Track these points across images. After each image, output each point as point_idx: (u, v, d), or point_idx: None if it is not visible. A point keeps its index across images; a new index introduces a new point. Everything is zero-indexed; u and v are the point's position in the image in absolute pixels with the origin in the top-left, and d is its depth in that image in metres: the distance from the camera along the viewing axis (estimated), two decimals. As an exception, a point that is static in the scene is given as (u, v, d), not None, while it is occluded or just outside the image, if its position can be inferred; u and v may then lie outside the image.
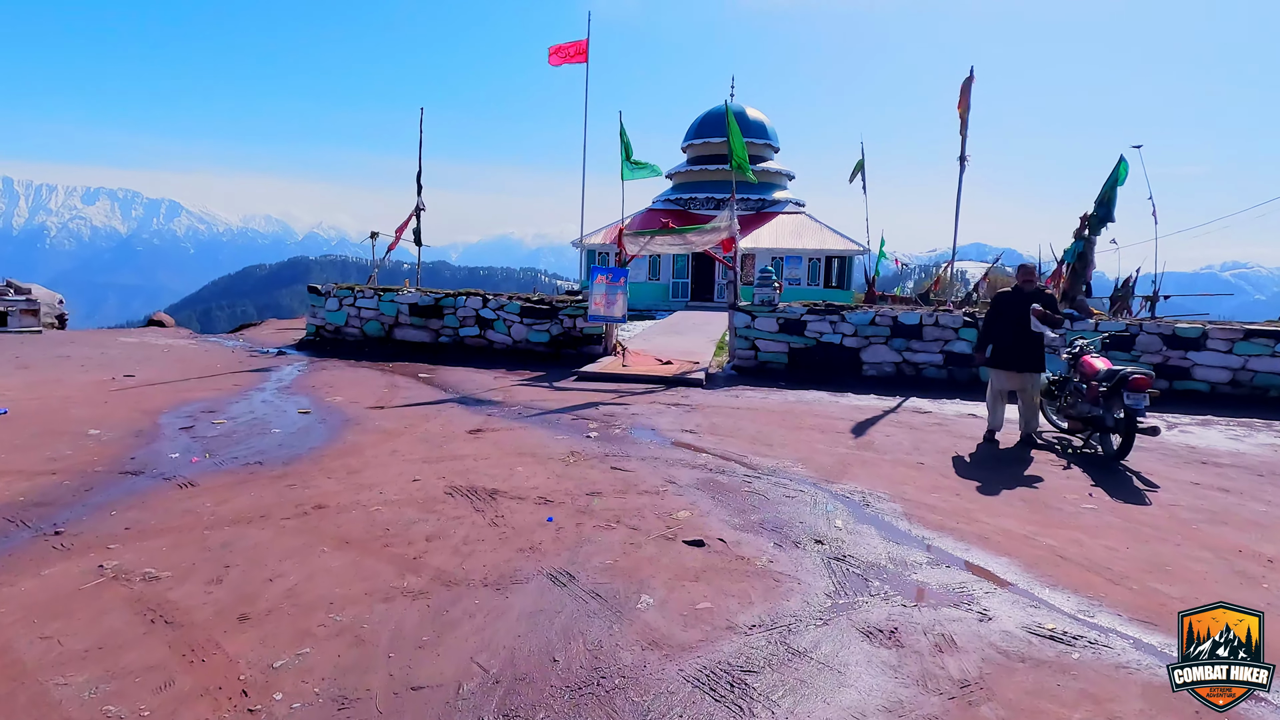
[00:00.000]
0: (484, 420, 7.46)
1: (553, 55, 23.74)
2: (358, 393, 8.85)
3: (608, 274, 11.61)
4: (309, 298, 13.76)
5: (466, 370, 11.02)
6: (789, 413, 8.32)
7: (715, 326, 18.83)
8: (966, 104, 11.24)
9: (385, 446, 6.26)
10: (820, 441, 6.91)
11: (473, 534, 4.26)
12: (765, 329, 11.11)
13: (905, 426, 7.75)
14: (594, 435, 6.90)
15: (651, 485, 5.33)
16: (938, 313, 10.51)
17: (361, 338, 13.34)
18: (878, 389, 10.09)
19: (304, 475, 5.34)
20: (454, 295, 12.79)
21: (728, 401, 8.96)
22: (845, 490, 5.35)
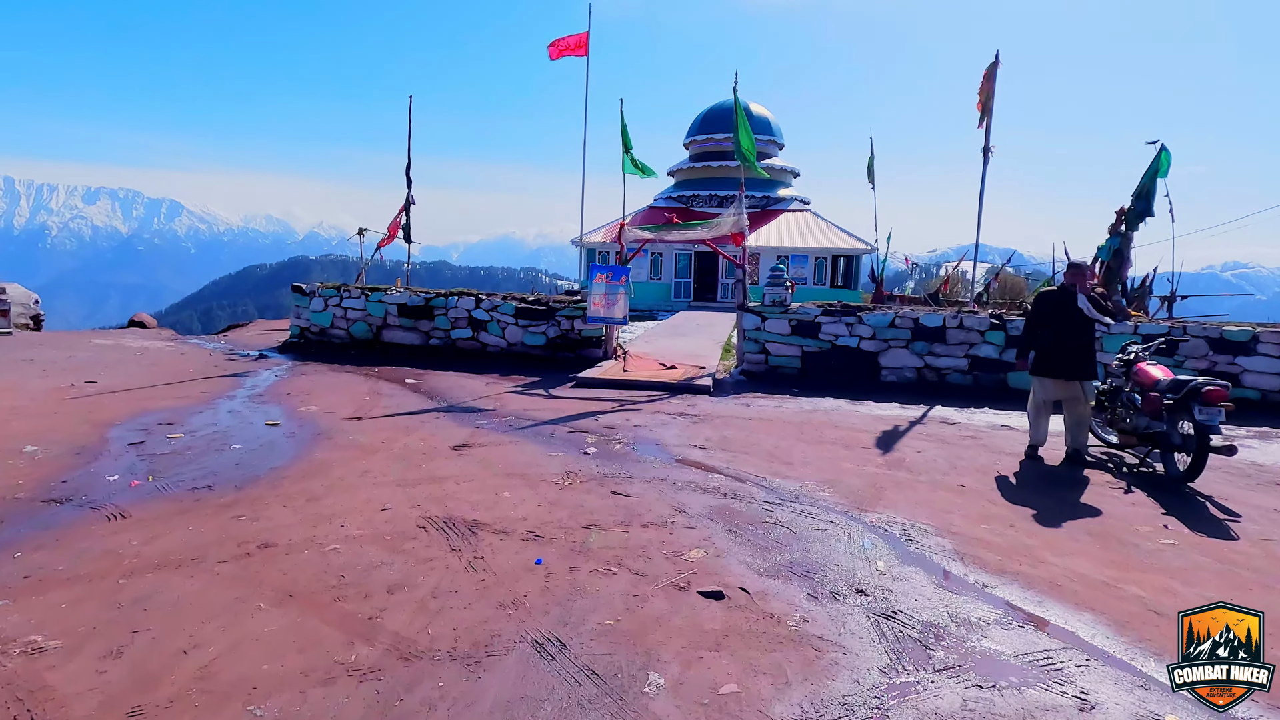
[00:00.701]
0: (471, 433, 6.75)
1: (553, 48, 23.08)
2: (336, 401, 8.13)
3: (608, 273, 10.89)
4: (293, 298, 13.04)
5: (457, 375, 10.30)
6: (806, 424, 7.60)
7: (720, 328, 18.13)
8: (990, 91, 10.52)
9: (356, 466, 5.54)
10: (845, 458, 6.19)
11: (445, 583, 3.54)
12: (777, 331, 10.39)
13: (936, 440, 7.02)
14: (592, 451, 6.18)
15: (658, 514, 4.61)
16: (962, 314, 9.78)
17: (348, 340, 12.63)
18: (899, 396, 9.36)
19: (256, 503, 4.63)
20: (445, 295, 12.07)
21: (738, 411, 8.24)
22: (882, 521, 4.62)
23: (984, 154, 10.65)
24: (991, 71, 10.55)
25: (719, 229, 10.58)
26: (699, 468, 5.77)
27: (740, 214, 10.48)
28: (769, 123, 30.65)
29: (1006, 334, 9.56)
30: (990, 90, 10.51)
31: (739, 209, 10.51)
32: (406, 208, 13.25)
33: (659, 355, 12.02)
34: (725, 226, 10.52)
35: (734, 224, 10.45)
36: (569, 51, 23.17)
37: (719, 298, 27.95)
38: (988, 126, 10.59)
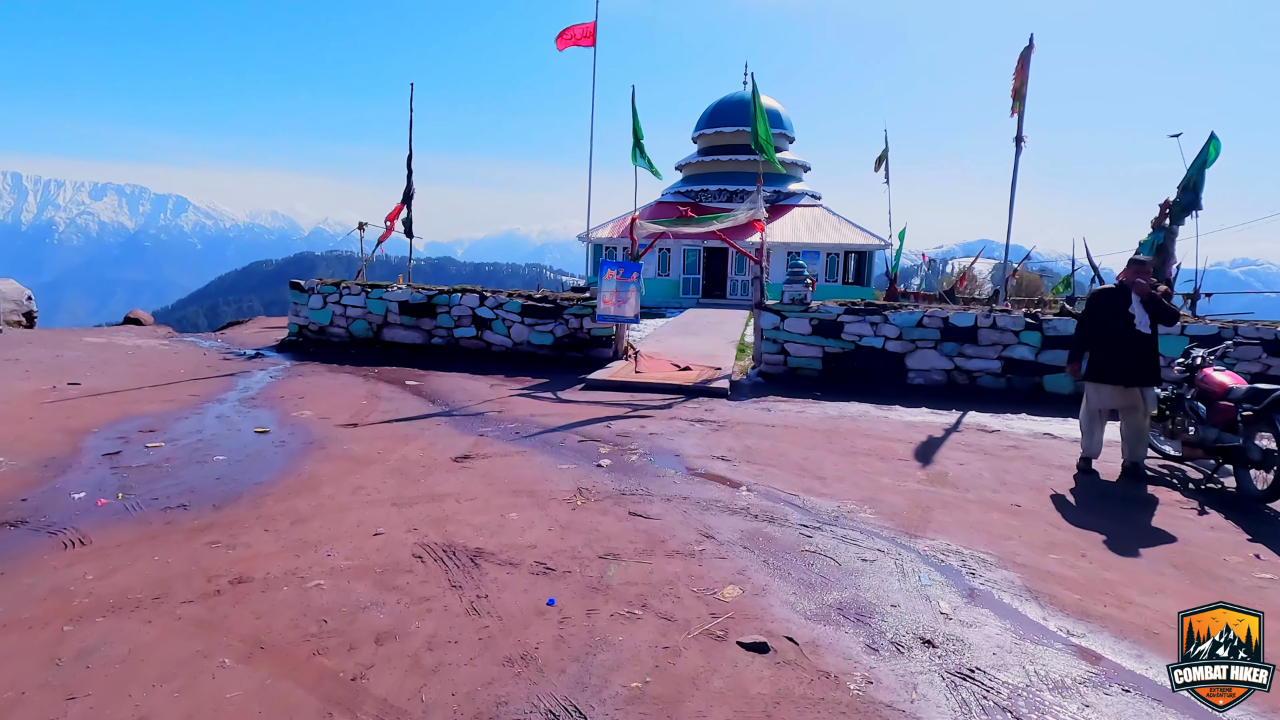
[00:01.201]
0: (474, 443, 6.25)
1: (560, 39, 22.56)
2: (331, 405, 7.65)
3: (618, 269, 10.38)
4: (291, 295, 12.57)
5: (460, 377, 9.81)
6: (834, 431, 7.08)
7: (731, 325, 17.62)
8: (1024, 77, 9.94)
9: (349, 481, 5.04)
10: (883, 472, 5.67)
11: (442, 629, 3.04)
12: (797, 331, 9.86)
13: (977, 451, 6.49)
14: (606, 464, 5.67)
15: (684, 540, 4.10)
16: (995, 313, 9.23)
17: (347, 338, 12.15)
18: (928, 401, 8.82)
19: (234, 526, 4.14)
20: (448, 292, 11.57)
21: (759, 417, 7.72)
22: (936, 549, 4.10)
23: (1016, 143, 10.09)
24: (1025, 56, 9.98)
25: (735, 221, 10.06)
26: (724, 483, 5.25)
27: (758, 204, 9.94)
28: (779, 115, 30.02)
29: (1043, 334, 9.01)
30: (1024, 76, 9.95)
31: (757, 199, 9.98)
32: (407, 200, 12.75)
33: (671, 355, 11.50)
34: (742, 217, 9.99)
35: (753, 213, 9.91)
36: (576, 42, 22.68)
37: (728, 295, 27.39)
38: (1020, 114, 10.02)
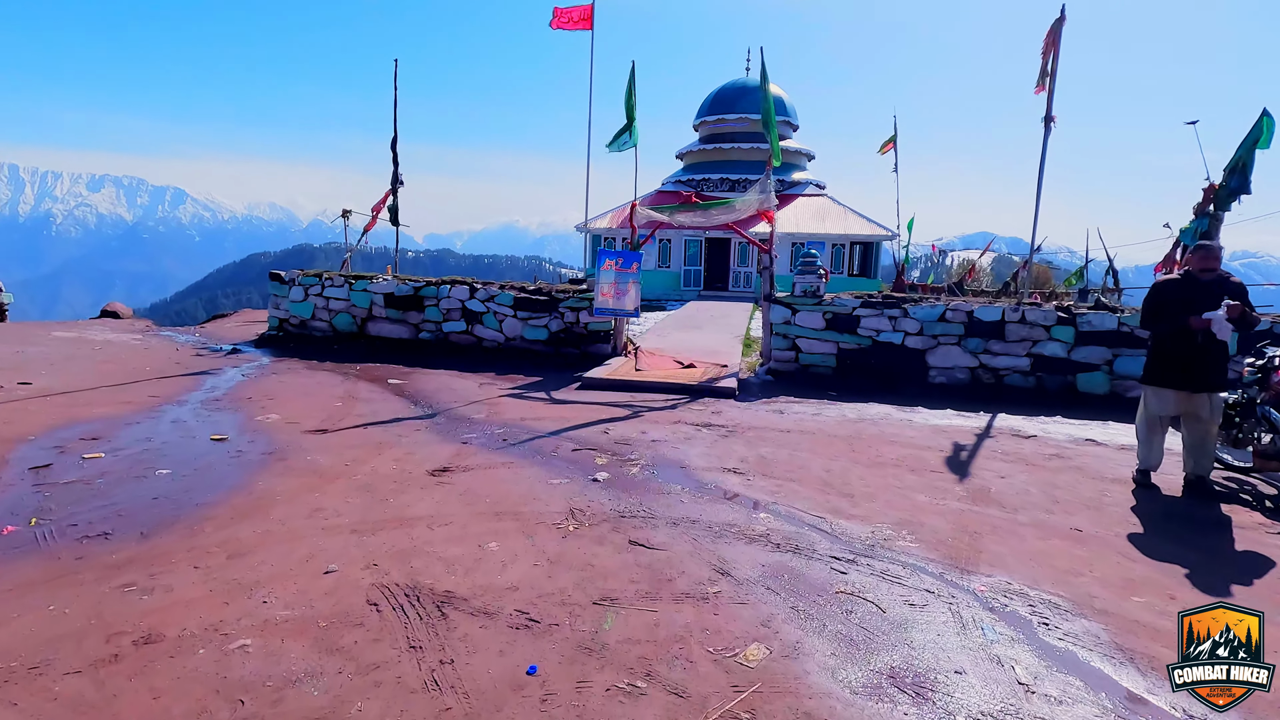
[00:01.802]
0: (456, 451, 5.58)
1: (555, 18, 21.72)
2: (302, 408, 6.98)
3: (617, 259, 9.69)
4: (271, 287, 11.88)
5: (447, 375, 9.14)
6: (856, 438, 6.41)
7: (735, 319, 16.93)
8: (1055, 52, 9.22)
9: (306, 501, 4.38)
10: (917, 488, 5.00)
11: (392, 710, 2.38)
12: (809, 326, 9.18)
13: (1018, 461, 5.82)
14: (603, 477, 5.00)
15: (695, 579, 3.44)
16: (1024, 307, 8.55)
17: (331, 333, 11.47)
18: (952, 401, 8.15)
19: (159, 561, 3.47)
20: (436, 284, 10.88)
21: (772, 420, 7.05)
22: (995, 589, 3.44)
23: (1045, 123, 9.37)
24: (1056, 30, 9.26)
25: (744, 208, 9.36)
26: (738, 502, 4.59)
27: (768, 192, 9.25)
28: (783, 103, 29.22)
29: (1076, 329, 8.34)
30: (1054, 51, 9.23)
31: (766, 185, 9.28)
32: (394, 187, 12.02)
33: (673, 351, 10.83)
34: (752, 205, 9.29)
35: (762, 201, 9.22)
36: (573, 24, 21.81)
37: (730, 287, 26.68)
38: (1050, 92, 9.30)
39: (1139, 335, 8.15)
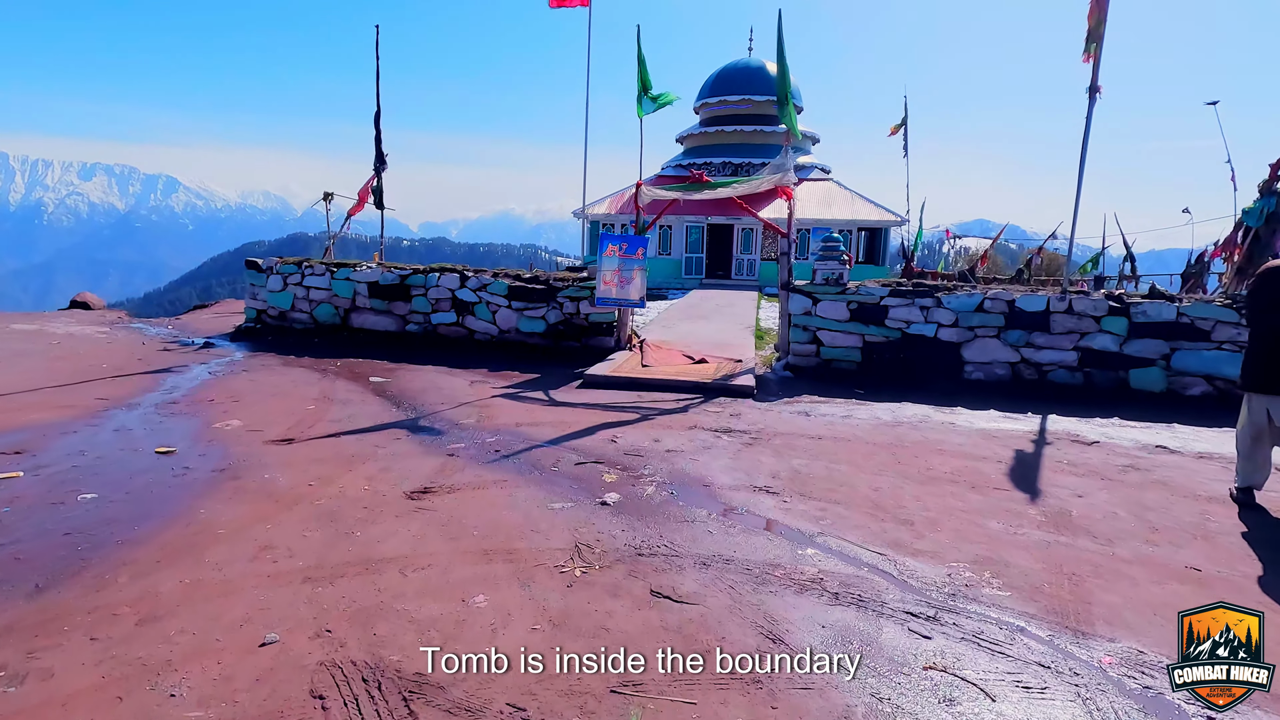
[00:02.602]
0: (440, 466, 4.79)
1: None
2: (269, 412, 6.18)
3: (620, 244, 8.88)
4: (248, 275, 11.03)
5: (436, 371, 8.33)
6: (898, 446, 5.64)
7: (742, 308, 16.13)
8: (1102, 14, 8.38)
9: (253, 535, 3.59)
10: (985, 510, 4.23)
11: None
12: (832, 317, 8.38)
13: (1089, 474, 5.05)
14: (613, 500, 4.23)
15: (739, 647, 2.67)
16: (1070, 296, 7.76)
17: (311, 325, 10.65)
18: (994, 400, 7.38)
19: (46, 630, 2.69)
20: (424, 272, 10.05)
21: (799, 424, 6.28)
22: (1129, 662, 2.68)
23: (1090, 94, 8.53)
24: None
25: (759, 186, 8.54)
26: (778, 532, 3.82)
27: (787, 167, 8.42)
28: (787, 84, 28.28)
29: (1129, 320, 7.56)
30: (1102, 13, 8.38)
31: (786, 160, 8.44)
32: (378, 168, 11.12)
33: (681, 343, 10.04)
34: (767, 182, 8.46)
35: (780, 178, 8.39)
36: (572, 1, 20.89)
37: (733, 275, 25.84)
38: (1096, 59, 8.46)
39: (1200, 327, 7.39)
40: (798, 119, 28.85)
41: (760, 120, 27.63)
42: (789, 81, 8.73)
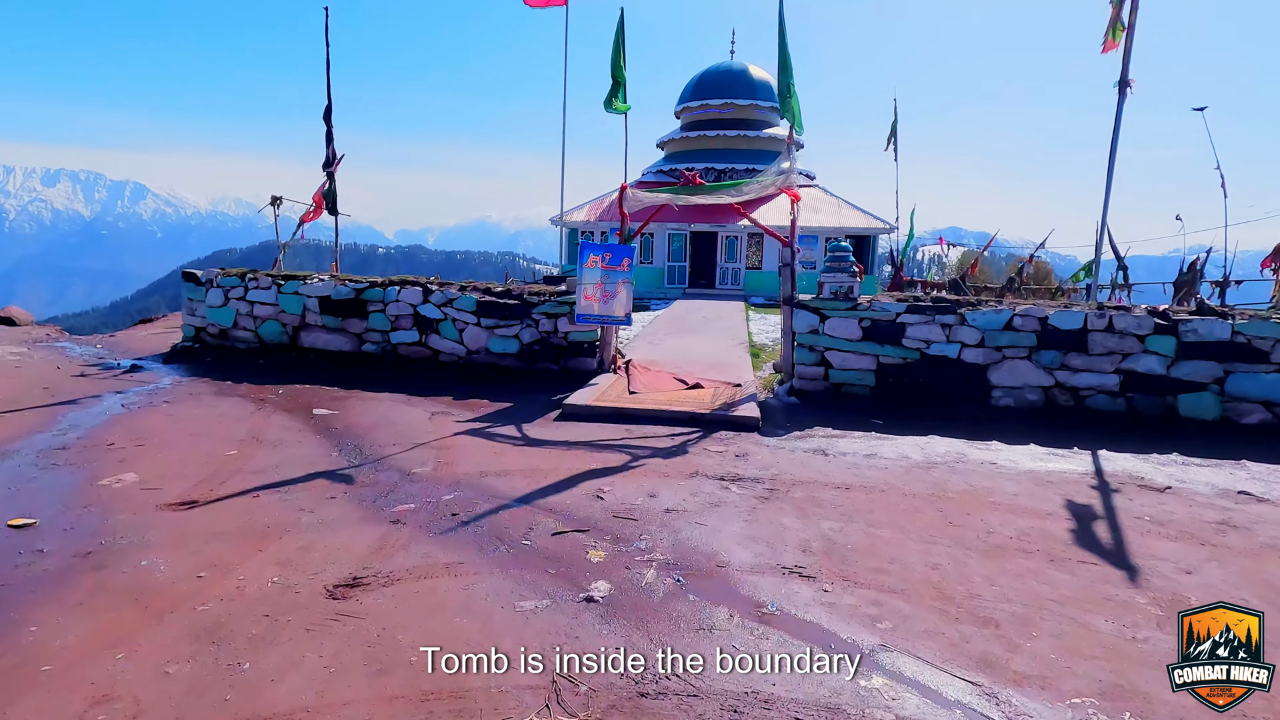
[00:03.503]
0: (379, 542, 3.74)
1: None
2: (179, 460, 5.07)
3: (603, 254, 7.89)
4: (185, 289, 9.86)
5: (393, 400, 7.26)
6: (940, 495, 4.69)
7: (731, 321, 15.20)
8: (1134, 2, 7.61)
9: (90, 674, 2.53)
10: (1079, 597, 3.28)
11: None
12: (842, 335, 7.45)
13: (1181, 535, 4.14)
14: (602, 595, 3.21)
15: None
16: (1111, 312, 6.91)
17: (256, 344, 9.49)
18: (1030, 431, 6.48)
19: None
20: (383, 285, 8.96)
21: (817, 466, 5.31)
22: None
23: (1120, 89, 7.77)
24: (1135, -26, 7.64)
25: (760, 188, 7.60)
26: (827, 647, 2.83)
27: (790, 169, 7.49)
28: (770, 88, 27.48)
29: (1178, 339, 6.73)
30: (1133, 0, 7.61)
31: (789, 157, 7.52)
32: (329, 170, 9.96)
33: (670, 362, 9.06)
34: (771, 183, 7.53)
35: (784, 179, 7.46)
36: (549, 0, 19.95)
37: (718, 284, 24.95)
38: (1126, 50, 7.69)
39: (1258, 347, 6.58)
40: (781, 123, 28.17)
41: (744, 125, 26.86)
42: (791, 72, 7.80)
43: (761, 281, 24.42)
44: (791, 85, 7.90)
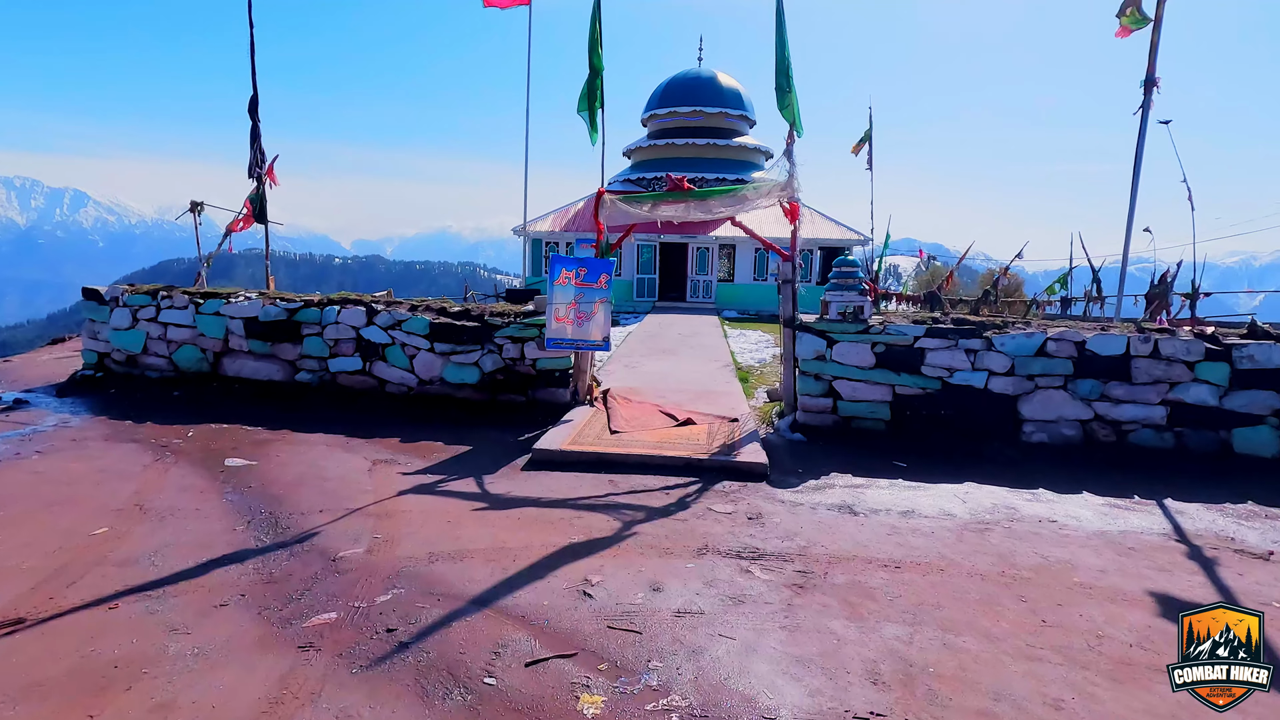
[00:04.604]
0: (279, 685, 2.61)
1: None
2: (22, 544, 3.83)
3: (576, 269, 6.84)
4: (85, 309, 8.47)
5: (327, 443, 6.06)
6: (1013, 576, 3.74)
7: (708, 338, 14.24)
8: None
9: None
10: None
11: None
12: (852, 362, 6.53)
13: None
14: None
15: None
16: (1155, 336, 6.12)
17: (171, 373, 8.16)
18: (1075, 474, 5.61)
19: None
20: (319, 305, 7.72)
21: (850, 533, 4.32)
22: None
23: (1145, 88, 7.06)
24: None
25: (757, 196, 6.64)
26: None
27: (791, 177, 6.55)
28: (740, 96, 26.85)
29: (1231, 366, 5.97)
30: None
31: (789, 166, 6.58)
32: (255, 172, 8.60)
33: (652, 391, 8.03)
34: (767, 194, 6.57)
35: (781, 187, 6.53)
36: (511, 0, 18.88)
37: (689, 297, 24.04)
38: (1153, 46, 6.99)
39: (1321, 375, 5.85)
40: (750, 132, 27.52)
41: (713, 133, 26.12)
42: (789, 63, 6.85)
43: (734, 294, 23.61)
44: (789, 79, 6.97)
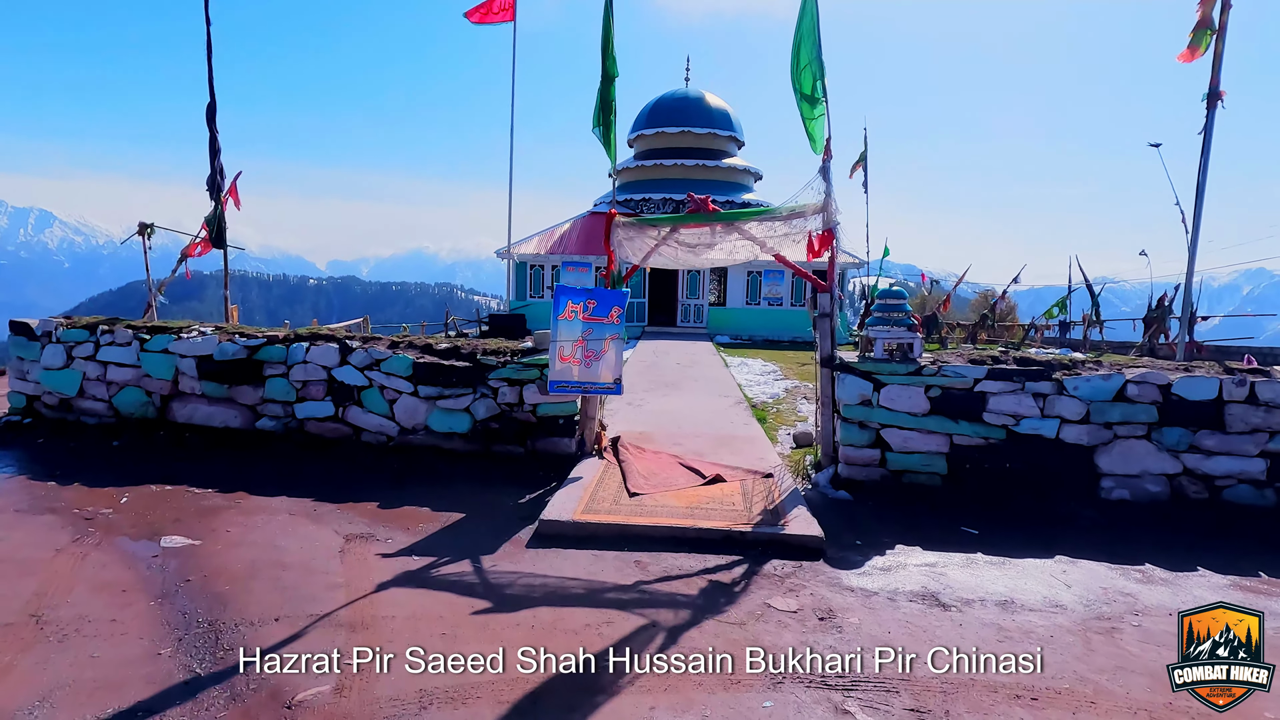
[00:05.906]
0: None
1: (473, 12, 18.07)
2: None
3: (585, 300, 5.97)
4: (12, 345, 7.38)
5: (290, 510, 5.05)
6: (1179, 710, 2.87)
7: (709, 368, 13.39)
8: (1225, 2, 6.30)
9: None
10: None
11: None
12: (903, 409, 5.69)
13: None
14: None
15: None
16: (1251, 379, 5.37)
17: (112, 419, 7.08)
18: (1170, 540, 4.81)
19: None
20: (285, 341, 6.72)
21: (951, 638, 3.44)
22: None
23: (1209, 101, 6.42)
24: (1228, -33, 6.34)
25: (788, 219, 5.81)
26: None
27: (829, 200, 5.74)
28: (728, 116, 26.35)
29: (1338, 413, 5.22)
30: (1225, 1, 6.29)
31: (826, 187, 5.77)
32: (213, 192, 7.56)
33: (665, 435, 7.13)
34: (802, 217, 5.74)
35: (818, 214, 5.70)
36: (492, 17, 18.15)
37: (679, 321, 23.24)
38: (1217, 57, 6.37)
39: None
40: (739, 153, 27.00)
41: (702, 154, 25.53)
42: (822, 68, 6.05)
43: (727, 319, 22.87)
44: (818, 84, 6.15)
